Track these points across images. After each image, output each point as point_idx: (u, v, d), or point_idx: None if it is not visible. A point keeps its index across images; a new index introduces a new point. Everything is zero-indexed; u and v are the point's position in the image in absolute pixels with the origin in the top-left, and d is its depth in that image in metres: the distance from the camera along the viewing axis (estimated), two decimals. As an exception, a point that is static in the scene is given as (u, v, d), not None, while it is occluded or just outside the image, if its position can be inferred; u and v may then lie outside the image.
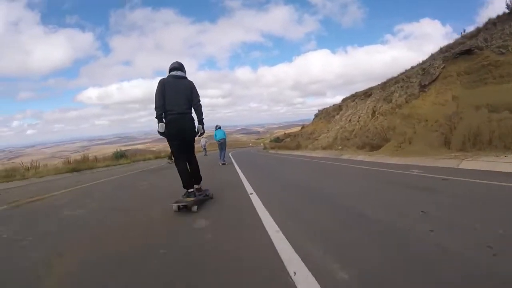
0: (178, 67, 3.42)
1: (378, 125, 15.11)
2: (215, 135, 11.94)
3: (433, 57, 18.28)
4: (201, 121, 3.45)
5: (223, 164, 10.88)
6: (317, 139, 20.37)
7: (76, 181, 7.23)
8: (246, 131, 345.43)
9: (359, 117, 17.74)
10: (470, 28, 16.80)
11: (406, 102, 16.06)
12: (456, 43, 16.76)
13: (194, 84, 3.44)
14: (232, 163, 11.04)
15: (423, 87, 16.18)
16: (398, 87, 17.26)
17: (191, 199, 3.18)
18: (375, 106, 17.31)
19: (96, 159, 13.63)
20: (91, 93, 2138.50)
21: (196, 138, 3.52)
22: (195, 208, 3.10)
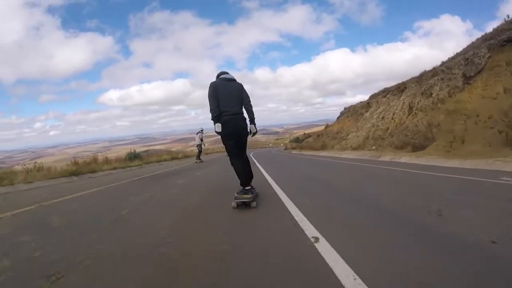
0: (226, 71, 3.65)
1: (417, 122, 13.52)
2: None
3: (474, 45, 16.37)
4: (252, 121, 3.55)
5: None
6: (345, 139, 18.90)
7: (49, 193, 5.22)
8: (265, 131, 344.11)
9: (393, 114, 16.13)
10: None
11: (449, 96, 14.34)
12: (499, 29, 14.87)
13: (243, 86, 3.59)
14: (256, 166, 9.90)
15: (467, 79, 14.41)
16: (438, 79, 15.50)
17: (249, 196, 3.30)
18: (411, 102, 15.64)
19: (106, 160, 12.69)
20: (112, 95, 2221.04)
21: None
22: (254, 204, 3.27)
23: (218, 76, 3.62)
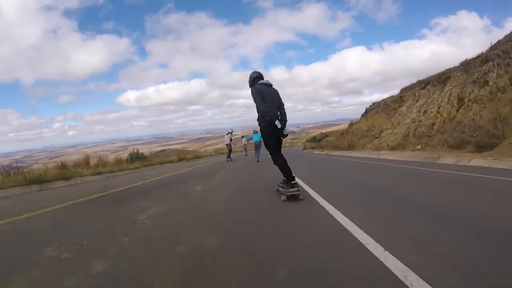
0: (262, 75, 3.86)
1: (474, 116, 11.22)
2: (253, 138, 14.39)
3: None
4: (285, 124, 3.64)
5: (258, 161, 12.41)
6: (377, 137, 16.64)
7: None
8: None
9: (438, 108, 13.78)
10: None
11: (511, 83, 11.89)
12: None
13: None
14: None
15: (533, 63, 11.95)
16: (493, 65, 13.03)
17: (295, 189, 3.44)
18: (461, 92, 13.25)
19: (101, 161, 10.46)
20: (130, 96, 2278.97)
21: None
22: (302, 196, 3.48)
23: (253, 78, 3.83)
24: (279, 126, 3.40)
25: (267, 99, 3.51)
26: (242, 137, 20.75)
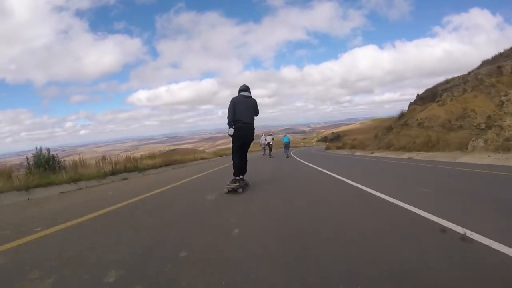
0: (245, 89, 4.55)
1: None
2: (283, 139, 18.16)
3: None
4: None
5: (287, 157, 15.42)
6: (484, 128, 11.18)
7: None
8: (291, 130, 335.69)
9: None
10: None
11: None
12: None
13: (257, 101, 4.64)
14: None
15: None
16: None
17: (237, 184, 4.19)
18: None
19: (81, 163, 7.05)
20: (141, 95, 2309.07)
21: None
22: (240, 190, 4.12)
23: (240, 90, 4.57)
24: (230, 133, 4.29)
25: (239, 108, 4.29)
26: (265, 135, 20.41)
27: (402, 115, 20.28)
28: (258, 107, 4.58)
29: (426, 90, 20.59)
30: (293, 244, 1.86)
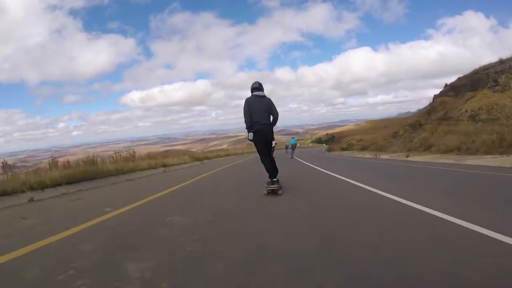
0: (258, 87, 4.31)
1: None
2: (291, 141, 20.74)
3: None
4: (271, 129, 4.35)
5: (291, 157, 17.53)
6: None
7: None
8: (285, 132, 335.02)
9: None
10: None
11: None
12: None
13: (272, 100, 4.34)
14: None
15: None
16: None
17: (276, 186, 4.13)
18: None
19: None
20: (134, 96, 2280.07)
21: None
22: (280, 191, 4.13)
23: (252, 89, 4.33)
24: (250, 138, 4.12)
25: (255, 109, 4.11)
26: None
27: (431, 108, 18.02)
28: (274, 105, 4.31)
29: (459, 78, 18.62)
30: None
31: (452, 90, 18.32)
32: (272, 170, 4.18)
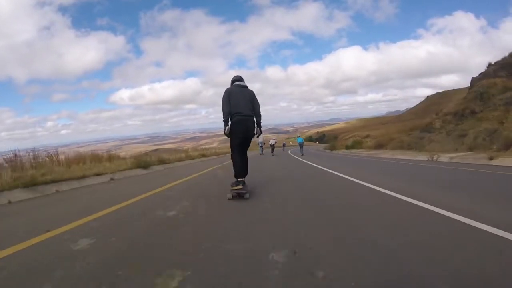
0: (240, 78, 3.97)
1: None
2: (297, 139, 22.25)
3: None
4: (259, 124, 3.88)
5: (302, 155, 17.20)
6: None
7: None
8: (275, 130, 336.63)
9: None
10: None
11: None
12: None
13: (254, 93, 3.92)
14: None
15: None
16: None
17: (241, 187, 3.48)
18: None
19: None
20: (124, 94, 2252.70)
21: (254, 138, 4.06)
22: (247, 195, 3.47)
23: (233, 81, 3.96)
24: (226, 132, 3.61)
25: (235, 99, 3.63)
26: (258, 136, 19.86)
27: (483, 92, 14.24)
28: (257, 98, 3.90)
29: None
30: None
31: (504, 69, 15.26)
32: (241, 170, 3.63)
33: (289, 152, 26.03)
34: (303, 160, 12.28)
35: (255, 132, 3.84)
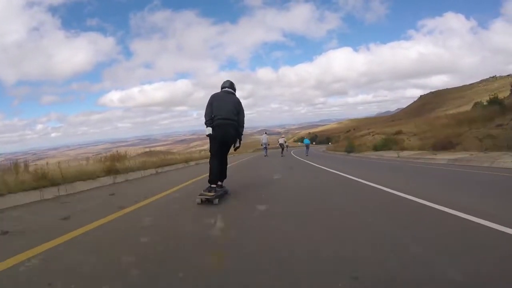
0: (228, 85, 3.95)
1: None
2: (304, 141, 24.77)
3: None
4: (239, 134, 3.85)
5: (307, 155, 18.55)
6: None
7: None
8: (267, 132, 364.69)
9: None
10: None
11: None
12: None
13: (241, 101, 3.89)
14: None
15: None
16: None
17: (212, 193, 3.39)
18: None
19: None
20: (114, 96, 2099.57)
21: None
22: (216, 201, 3.31)
23: (222, 87, 3.96)
24: (207, 133, 3.60)
25: (218, 102, 3.70)
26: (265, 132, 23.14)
27: None
28: (243, 108, 3.90)
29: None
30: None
31: None
32: (215, 176, 3.61)
33: (291, 153, 24.50)
34: (359, 180, 8.76)
35: (235, 140, 3.84)
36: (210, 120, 3.65)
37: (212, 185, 3.56)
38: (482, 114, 15.40)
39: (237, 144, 3.92)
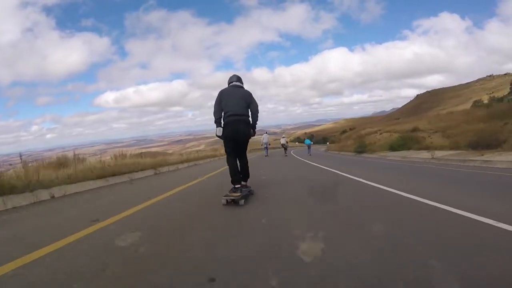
0: (235, 79, 3.71)
1: None
2: (305, 141, 24.94)
3: None
4: (254, 126, 3.64)
5: (310, 155, 18.59)
6: None
7: None
8: (263, 132, 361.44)
9: None
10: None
11: None
12: None
13: (252, 93, 3.66)
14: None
15: None
16: None
17: (238, 194, 3.28)
18: None
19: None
20: (109, 97, 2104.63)
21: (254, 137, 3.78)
22: (242, 202, 3.20)
23: (229, 82, 3.74)
24: (218, 133, 3.43)
25: (226, 98, 3.49)
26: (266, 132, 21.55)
27: None
28: (255, 98, 3.64)
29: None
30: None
31: None
32: (237, 176, 3.51)
33: (292, 152, 23.50)
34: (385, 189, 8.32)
35: (248, 136, 3.63)
36: (219, 119, 3.48)
37: (236, 186, 3.48)
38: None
39: (252, 135, 3.68)
